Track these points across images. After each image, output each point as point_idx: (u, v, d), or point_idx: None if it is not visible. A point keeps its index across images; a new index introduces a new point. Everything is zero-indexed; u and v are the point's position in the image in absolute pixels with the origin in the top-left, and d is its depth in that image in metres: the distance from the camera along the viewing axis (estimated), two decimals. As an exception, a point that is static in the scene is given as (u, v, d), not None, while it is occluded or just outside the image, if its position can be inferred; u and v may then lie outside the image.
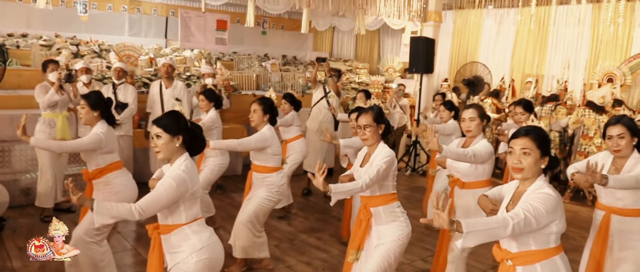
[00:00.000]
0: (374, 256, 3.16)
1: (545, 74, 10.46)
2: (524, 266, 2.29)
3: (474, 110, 3.85)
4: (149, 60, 8.77)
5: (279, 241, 5.32)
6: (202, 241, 2.65)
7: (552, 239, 2.28)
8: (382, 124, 3.22)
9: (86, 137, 3.72)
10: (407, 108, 9.76)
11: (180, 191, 2.58)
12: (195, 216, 2.68)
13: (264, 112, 4.29)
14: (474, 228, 2.05)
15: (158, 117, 2.76)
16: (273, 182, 4.33)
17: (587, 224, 6.41)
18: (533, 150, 2.31)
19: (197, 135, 2.76)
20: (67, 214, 5.58)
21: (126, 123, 6.35)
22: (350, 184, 2.98)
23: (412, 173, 9.01)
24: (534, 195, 2.26)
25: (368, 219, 3.22)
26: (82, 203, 2.53)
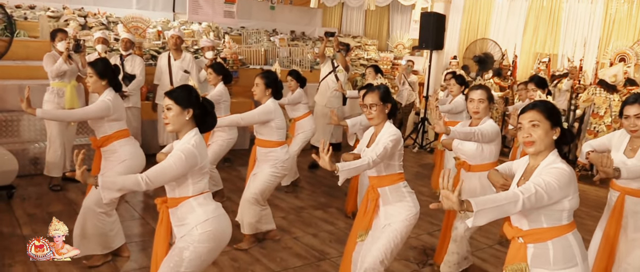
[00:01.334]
0: (381, 236, 3.15)
1: (558, 52, 10.31)
2: (535, 244, 2.25)
3: (484, 91, 3.77)
4: (157, 33, 8.73)
5: (286, 213, 5.34)
6: (207, 213, 2.65)
7: (565, 216, 2.23)
8: (389, 103, 3.17)
9: (94, 104, 3.72)
10: (416, 85, 9.69)
11: (189, 164, 2.57)
12: (202, 189, 2.68)
13: (266, 86, 4.25)
14: (484, 206, 1.99)
15: (171, 89, 2.75)
16: (277, 157, 4.31)
17: (594, 204, 6.43)
18: (542, 121, 2.25)
19: (208, 111, 2.74)
20: (76, 183, 5.58)
21: (134, 95, 6.35)
22: (357, 162, 2.95)
23: (420, 150, 8.98)
24: (547, 170, 2.20)
25: (375, 200, 3.21)
26: (86, 180, 2.49)
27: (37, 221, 4.63)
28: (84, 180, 2.49)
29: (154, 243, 2.79)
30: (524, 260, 2.26)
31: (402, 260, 4.32)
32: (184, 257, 2.60)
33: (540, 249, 2.24)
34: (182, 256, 2.61)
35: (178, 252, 2.62)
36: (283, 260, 4.21)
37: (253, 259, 4.18)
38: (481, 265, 4.33)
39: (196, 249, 2.61)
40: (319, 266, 4.16)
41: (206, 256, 2.68)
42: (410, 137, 9.29)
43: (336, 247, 4.49)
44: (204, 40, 7.32)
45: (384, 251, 3.11)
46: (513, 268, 2.29)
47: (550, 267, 2.22)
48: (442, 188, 2.01)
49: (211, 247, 2.67)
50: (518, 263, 2.28)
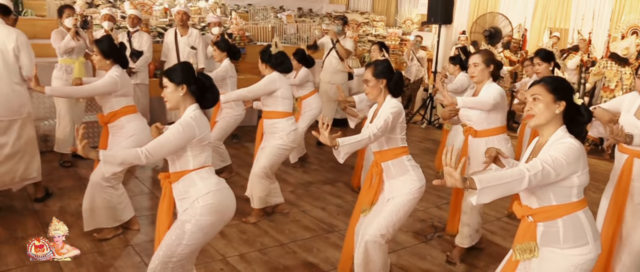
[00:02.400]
0: (383, 209, 3.15)
1: (569, 27, 10.16)
2: (545, 222, 2.21)
3: (478, 56, 3.75)
4: (164, 10, 8.70)
5: (294, 188, 5.36)
6: (208, 187, 2.66)
7: (574, 193, 2.18)
8: (384, 78, 3.12)
9: (101, 80, 3.74)
10: (425, 61, 9.61)
11: (187, 136, 2.58)
12: (203, 163, 2.68)
13: (262, 61, 4.33)
14: (488, 184, 1.96)
15: (168, 67, 2.76)
16: (283, 128, 4.31)
17: (604, 178, 6.36)
18: (543, 94, 2.20)
19: (205, 86, 2.71)
20: (86, 160, 5.64)
21: (142, 71, 6.35)
22: (358, 136, 2.94)
23: (428, 126, 8.95)
24: (555, 145, 2.15)
25: (379, 174, 3.20)
26: (87, 154, 2.52)
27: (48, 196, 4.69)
28: (86, 154, 2.52)
29: (157, 217, 2.81)
30: (533, 239, 2.23)
31: (409, 232, 4.34)
32: (186, 230, 2.62)
33: (550, 227, 2.20)
34: (184, 228, 2.62)
35: (180, 225, 2.64)
36: (291, 232, 4.25)
37: (261, 232, 4.21)
38: (490, 237, 4.33)
39: (198, 222, 2.63)
40: (327, 237, 4.19)
41: (208, 229, 2.68)
42: (419, 113, 9.25)
43: (344, 220, 4.51)
44: (211, 16, 7.29)
45: (385, 224, 3.11)
46: (522, 247, 2.26)
47: (560, 245, 2.18)
48: (445, 165, 1.99)
49: (213, 221, 2.67)
50: (527, 242, 2.25)
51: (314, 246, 4.01)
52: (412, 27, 11.67)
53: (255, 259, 3.75)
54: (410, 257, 3.92)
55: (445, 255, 3.94)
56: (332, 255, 3.87)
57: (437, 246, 4.16)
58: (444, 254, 3.96)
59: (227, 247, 3.89)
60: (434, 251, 4.06)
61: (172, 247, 2.62)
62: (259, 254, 3.83)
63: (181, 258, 2.67)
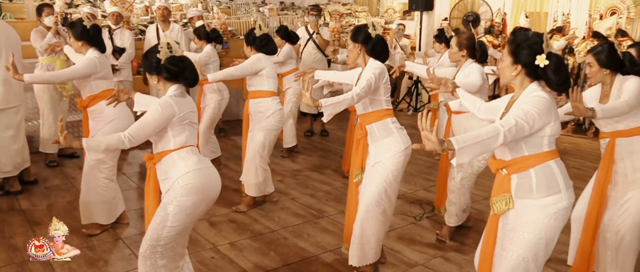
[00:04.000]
0: (372, 175, 3.18)
1: (548, 10, 10.24)
2: (518, 173, 2.26)
3: (454, 39, 3.88)
4: (145, 8, 8.64)
5: (283, 177, 5.37)
6: (188, 166, 2.62)
7: (546, 142, 2.24)
8: (360, 43, 3.13)
9: (79, 62, 3.72)
10: (408, 48, 9.64)
11: (166, 115, 2.57)
12: (183, 142, 2.66)
13: (247, 43, 4.36)
14: (465, 143, 2.01)
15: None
16: (269, 107, 4.32)
17: (588, 155, 6.49)
18: (504, 56, 2.30)
19: (170, 70, 2.63)
20: (72, 159, 5.62)
21: (125, 68, 6.31)
22: (340, 97, 2.96)
23: (415, 112, 8.99)
24: (526, 99, 2.21)
25: (364, 137, 3.24)
26: (70, 144, 2.53)
27: (35, 194, 4.67)
28: (69, 144, 2.52)
29: (145, 200, 2.81)
30: (508, 191, 2.29)
31: (398, 214, 4.37)
32: (168, 212, 2.59)
33: (523, 179, 2.26)
34: (167, 210, 2.59)
35: (163, 207, 2.62)
36: (281, 219, 4.26)
37: (251, 220, 4.22)
38: (478, 216, 4.37)
39: (180, 203, 2.59)
40: (317, 223, 4.21)
41: (191, 210, 2.63)
42: (405, 100, 9.29)
43: (334, 205, 4.54)
44: (192, 10, 7.26)
45: (377, 192, 3.14)
46: (498, 199, 2.32)
47: (533, 195, 2.24)
48: (421, 130, 2.02)
49: (195, 200, 2.62)
50: (503, 194, 2.30)
51: (304, 232, 4.03)
52: (394, 16, 11.70)
53: (246, 246, 3.76)
54: (401, 239, 3.96)
55: (435, 234, 3.98)
56: (323, 239, 3.89)
57: (427, 226, 4.20)
58: (434, 234, 4.00)
59: (217, 236, 3.90)
60: (424, 232, 4.09)
61: (158, 230, 2.61)
62: (249, 241, 3.84)
63: (168, 241, 2.64)
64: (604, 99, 3.17)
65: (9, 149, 4.52)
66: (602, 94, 3.20)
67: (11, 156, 4.55)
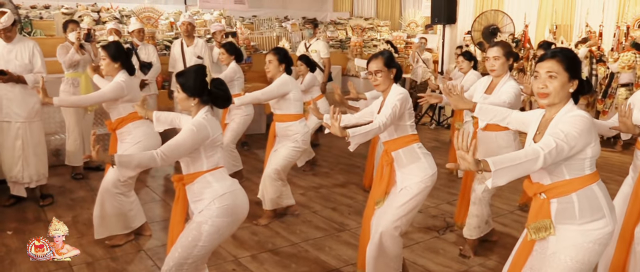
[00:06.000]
0: (396, 200, 3.12)
1: (574, 22, 10.11)
2: (559, 198, 2.14)
3: (499, 48, 3.71)
4: (170, 24, 8.81)
5: (305, 190, 5.36)
6: (224, 188, 2.66)
7: (587, 165, 2.12)
8: (394, 68, 3.13)
9: (107, 86, 3.78)
10: (430, 62, 9.60)
11: (201, 136, 2.59)
12: (216, 164, 2.69)
13: (279, 61, 4.30)
14: (502, 165, 1.90)
15: (182, 71, 2.75)
16: (297, 131, 4.33)
17: (617, 169, 6.33)
18: (560, 73, 2.11)
19: (217, 94, 2.72)
20: (97, 171, 5.70)
21: (153, 83, 6.42)
22: (368, 126, 2.92)
23: (437, 127, 8.92)
24: (564, 119, 2.09)
25: (390, 164, 3.17)
26: (103, 159, 2.52)
27: (60, 206, 4.74)
28: (101, 159, 2.51)
29: (171, 221, 2.81)
30: (547, 216, 2.17)
31: (422, 228, 4.31)
32: (203, 231, 2.62)
33: (564, 204, 2.14)
34: (200, 230, 2.62)
35: (196, 227, 2.64)
36: (303, 232, 4.24)
37: (273, 233, 4.21)
38: (503, 230, 4.29)
39: (214, 223, 2.63)
40: (338, 236, 4.17)
41: (224, 230, 2.69)
42: (427, 114, 9.23)
43: (355, 218, 4.50)
44: (215, 25, 7.35)
45: (398, 214, 3.08)
46: (536, 226, 2.19)
47: (576, 221, 2.12)
48: (457, 149, 1.94)
49: (229, 222, 2.68)
50: (542, 220, 2.18)
51: (326, 245, 4.00)
52: (416, 30, 11.69)
53: (267, 259, 3.74)
54: (424, 252, 3.89)
55: (459, 249, 3.91)
56: (345, 253, 3.86)
57: (450, 240, 4.13)
58: (457, 248, 3.93)
59: (238, 248, 3.89)
60: (447, 246, 4.03)
61: (189, 249, 2.62)
62: (270, 254, 3.83)
63: (196, 259, 2.68)
64: None
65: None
66: None
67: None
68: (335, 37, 10.63)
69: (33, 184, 4.68)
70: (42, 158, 4.72)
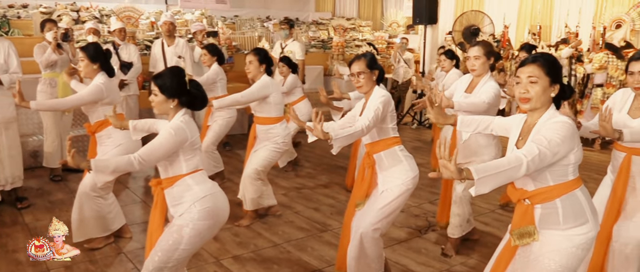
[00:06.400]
0: (377, 201, 3.12)
1: (553, 23, 10.25)
2: (542, 204, 2.15)
3: (479, 48, 3.73)
4: (150, 24, 8.73)
5: (287, 191, 5.35)
6: (205, 190, 2.64)
7: (570, 170, 2.12)
8: (376, 69, 3.13)
9: (86, 89, 3.71)
10: (412, 62, 9.64)
11: (179, 139, 2.55)
12: (196, 166, 2.66)
13: (260, 62, 4.26)
14: (485, 173, 1.89)
15: (158, 73, 2.71)
16: (278, 133, 4.32)
17: (595, 167, 6.41)
18: (541, 77, 2.13)
19: (195, 95, 2.69)
20: (76, 173, 5.61)
21: (133, 83, 6.36)
22: (351, 129, 2.90)
23: (419, 126, 8.97)
24: (547, 125, 2.10)
25: (371, 166, 3.17)
26: (79, 164, 2.45)
27: (39, 208, 4.66)
28: (76, 164, 2.44)
29: (149, 225, 2.77)
30: (531, 222, 2.18)
31: (404, 227, 4.33)
32: (184, 235, 2.59)
33: (548, 209, 2.15)
34: (181, 233, 2.59)
35: (177, 230, 2.60)
36: (285, 233, 4.22)
37: (255, 234, 4.19)
38: (484, 229, 4.33)
39: (196, 226, 2.60)
40: (321, 236, 4.17)
41: (206, 233, 2.67)
42: (409, 113, 9.27)
43: (338, 219, 4.49)
44: (196, 24, 7.30)
45: (379, 216, 3.09)
46: (520, 232, 2.20)
47: (560, 226, 2.13)
48: (439, 158, 1.94)
49: (210, 224, 2.66)
50: (526, 226, 2.19)
51: (308, 245, 3.99)
52: (398, 30, 11.75)
53: (249, 260, 3.72)
54: (406, 252, 3.91)
55: (440, 248, 3.93)
56: (327, 253, 3.85)
57: (432, 239, 4.15)
58: (439, 248, 3.95)
59: (220, 250, 3.86)
60: (428, 245, 4.05)
61: (169, 252, 2.59)
62: (252, 255, 3.81)
63: (177, 263, 2.65)
64: (636, 111, 3.03)
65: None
66: (634, 106, 3.05)
67: None
68: (317, 37, 10.64)
69: (8, 187, 4.58)
70: (17, 160, 4.63)
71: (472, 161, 3.60)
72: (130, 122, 3.14)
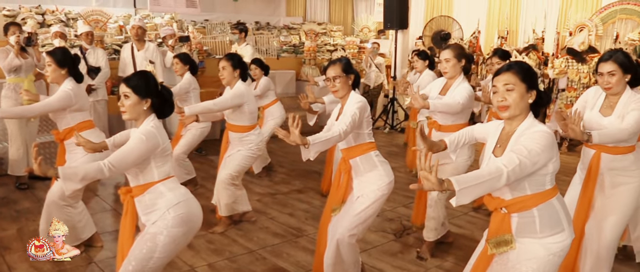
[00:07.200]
0: (353, 207, 3.12)
1: (519, 28, 10.46)
2: (519, 213, 2.16)
3: (449, 51, 3.78)
4: (119, 28, 8.57)
5: (261, 196, 5.30)
6: (178, 197, 2.59)
7: (548, 180, 2.14)
8: (352, 74, 3.14)
9: (54, 95, 3.59)
10: (383, 67, 9.73)
11: (151, 145, 2.50)
12: (167, 173, 2.61)
13: (233, 67, 4.20)
14: (466, 184, 1.90)
15: (128, 76, 2.65)
16: (252, 140, 4.28)
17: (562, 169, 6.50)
18: (517, 84, 2.14)
19: (166, 99, 2.65)
20: (44, 180, 5.45)
21: (101, 88, 6.22)
22: (328, 134, 2.89)
23: (391, 131, 9.03)
24: (527, 134, 2.11)
25: (347, 171, 3.17)
26: (45, 172, 2.36)
27: (4, 218, 4.51)
28: (43, 172, 2.34)
29: (120, 235, 2.70)
30: (508, 231, 2.18)
31: (379, 232, 4.34)
32: (158, 243, 2.53)
33: (525, 218, 2.16)
34: (155, 241, 2.53)
35: (151, 238, 2.54)
36: (260, 239, 4.18)
37: (230, 240, 4.14)
38: (458, 231, 4.37)
39: (170, 233, 2.55)
40: (296, 242, 4.14)
41: (180, 240, 2.62)
42: (381, 118, 9.33)
43: (313, 224, 4.48)
44: (166, 28, 7.20)
45: (355, 222, 3.08)
46: (497, 240, 2.21)
47: (537, 235, 2.15)
48: (420, 169, 1.93)
49: (185, 231, 2.61)
50: (503, 235, 2.19)
51: (284, 251, 3.96)
52: (369, 35, 11.82)
53: (225, 268, 3.67)
54: (381, 256, 3.91)
55: (416, 251, 3.95)
56: (303, 258, 3.83)
57: (407, 243, 4.17)
58: (414, 251, 3.97)
59: (195, 258, 3.80)
60: (404, 248, 4.06)
61: (144, 261, 2.53)
62: (228, 262, 3.76)
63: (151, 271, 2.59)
64: (607, 109, 3.11)
65: None
66: (605, 105, 3.13)
67: None
68: (288, 42, 10.62)
69: None
70: None
71: (447, 163, 3.63)
72: (108, 140, 3.05)
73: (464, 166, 3.74)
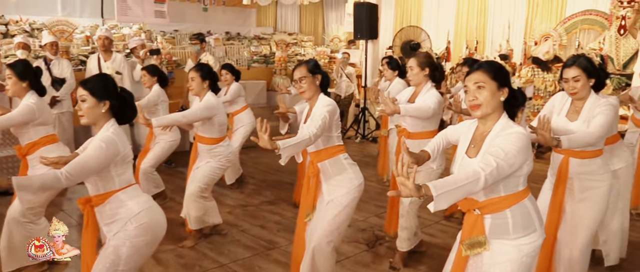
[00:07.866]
0: (326, 214, 3.10)
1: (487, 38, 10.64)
2: (493, 214, 2.17)
3: (413, 59, 3.83)
4: (85, 38, 8.40)
5: (232, 208, 5.23)
6: (139, 205, 2.52)
7: (521, 181, 2.15)
8: (319, 74, 3.12)
9: (16, 110, 3.47)
10: (354, 77, 9.76)
11: (111, 153, 2.42)
12: (128, 181, 2.54)
13: (202, 78, 4.13)
14: (444, 189, 1.89)
15: (86, 78, 2.58)
16: (221, 152, 4.22)
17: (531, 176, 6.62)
18: (487, 82, 2.15)
19: (126, 102, 2.57)
20: (5, 196, 5.27)
21: (66, 99, 6.07)
22: (298, 138, 2.84)
23: (363, 140, 9.05)
24: (503, 136, 2.11)
25: (316, 175, 3.14)
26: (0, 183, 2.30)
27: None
28: None
29: (82, 249, 2.61)
30: (482, 232, 2.19)
31: (351, 242, 4.32)
32: (121, 255, 2.46)
33: (498, 219, 2.17)
34: (118, 253, 2.46)
35: (113, 251, 2.47)
36: (231, 252, 4.12)
37: (200, 255, 4.06)
38: (430, 240, 4.38)
39: (133, 244, 2.48)
40: (268, 255, 4.09)
41: (144, 250, 2.55)
42: (352, 127, 9.35)
43: (285, 236, 4.44)
44: (134, 39, 7.09)
45: (330, 229, 3.06)
46: (471, 242, 2.21)
47: (510, 236, 2.16)
48: (397, 176, 1.92)
49: (148, 240, 2.54)
50: (476, 236, 2.20)
51: (256, 264, 3.91)
52: (339, 45, 11.87)
53: (195, 283, 3.60)
54: (354, 266, 3.89)
55: (388, 261, 3.94)
56: (275, 271, 3.78)
57: (380, 253, 4.16)
58: (387, 261, 3.96)
59: (164, 273, 3.72)
60: (377, 258, 4.05)
61: None
62: (198, 277, 3.69)
63: None
64: (573, 114, 3.15)
65: None
66: (571, 110, 3.18)
67: None
68: (259, 52, 10.57)
69: None
70: None
71: (419, 171, 3.64)
72: (79, 150, 2.94)
73: (437, 172, 3.76)
